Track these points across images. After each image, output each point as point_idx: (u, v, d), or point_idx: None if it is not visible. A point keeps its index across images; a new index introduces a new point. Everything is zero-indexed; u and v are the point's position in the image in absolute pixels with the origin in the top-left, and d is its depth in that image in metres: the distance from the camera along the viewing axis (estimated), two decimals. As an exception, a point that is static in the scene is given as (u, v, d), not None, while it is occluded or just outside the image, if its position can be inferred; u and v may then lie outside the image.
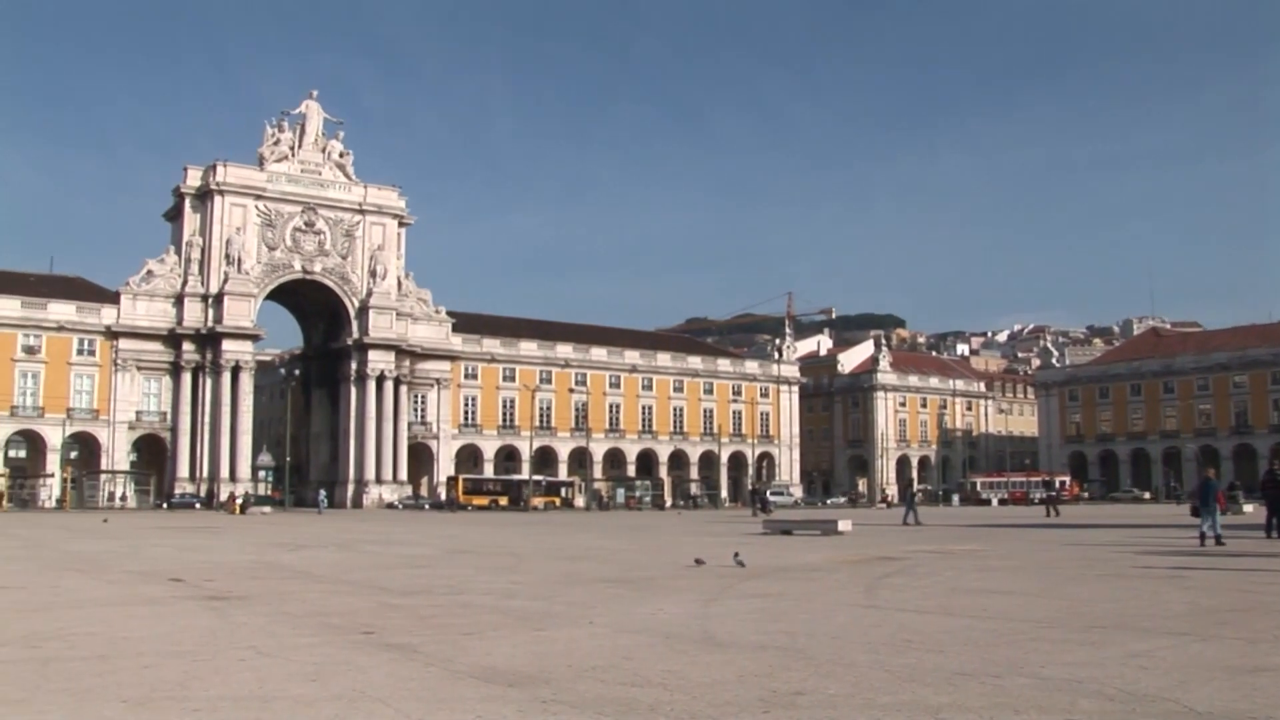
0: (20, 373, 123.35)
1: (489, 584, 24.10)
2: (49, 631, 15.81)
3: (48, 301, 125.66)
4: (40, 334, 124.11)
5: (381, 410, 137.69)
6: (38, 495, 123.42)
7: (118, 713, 10.23)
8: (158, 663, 12.90)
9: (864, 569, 27.84)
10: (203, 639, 15.00)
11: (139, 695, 10.99)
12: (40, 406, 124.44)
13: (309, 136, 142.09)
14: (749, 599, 20.67)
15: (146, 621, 17.19)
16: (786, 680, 11.58)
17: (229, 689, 11.29)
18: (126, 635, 15.40)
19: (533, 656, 13.32)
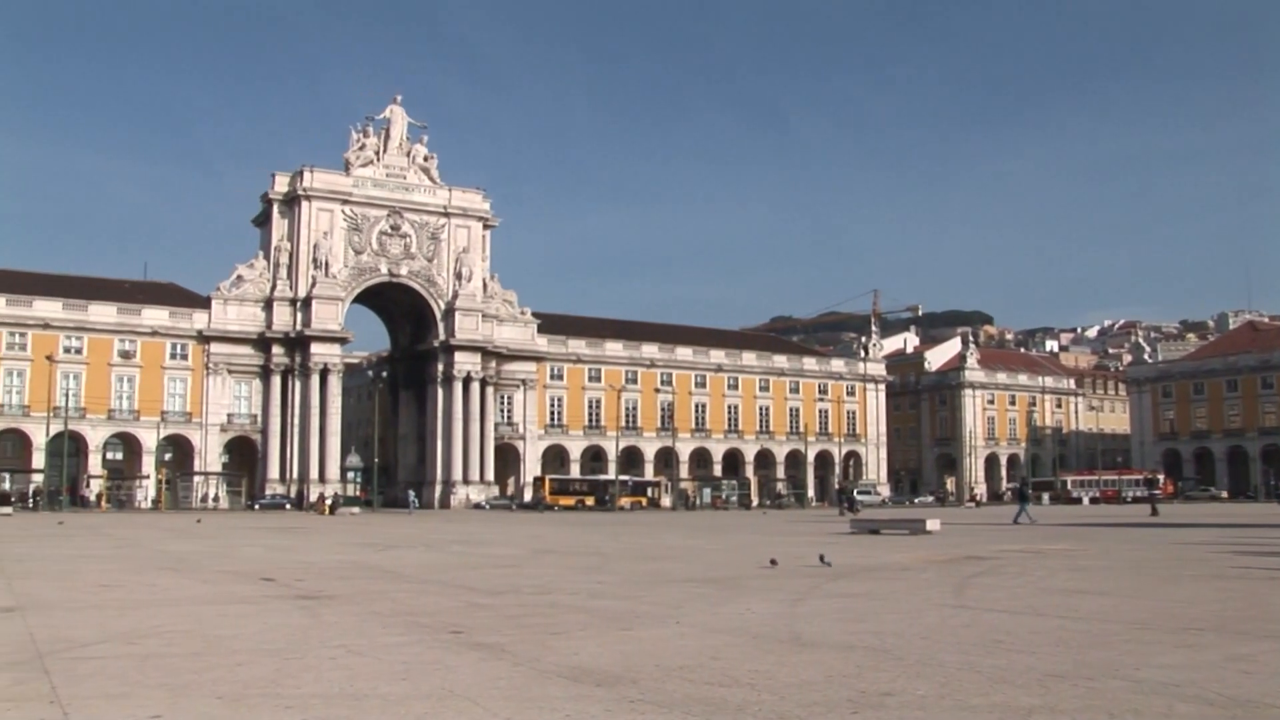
0: (117, 377, 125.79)
1: (575, 584, 24.15)
2: (147, 628, 16.08)
3: (142, 308, 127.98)
4: (135, 339, 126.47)
5: (468, 411, 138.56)
6: (134, 496, 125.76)
7: (213, 708, 10.37)
8: (250, 660, 13.07)
9: (952, 569, 27.57)
10: (294, 637, 15.17)
11: (233, 691, 11.14)
12: (136, 410, 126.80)
13: (394, 141, 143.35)
14: (836, 599, 20.54)
15: (239, 620, 17.42)
16: (875, 681, 11.47)
17: (320, 687, 11.40)
18: (220, 633, 15.62)
19: (620, 656, 13.32)
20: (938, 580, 24.20)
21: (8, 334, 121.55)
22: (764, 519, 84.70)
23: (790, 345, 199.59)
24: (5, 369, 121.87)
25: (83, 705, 10.43)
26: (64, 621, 17.02)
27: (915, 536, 45.69)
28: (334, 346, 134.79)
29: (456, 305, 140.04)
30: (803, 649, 13.90)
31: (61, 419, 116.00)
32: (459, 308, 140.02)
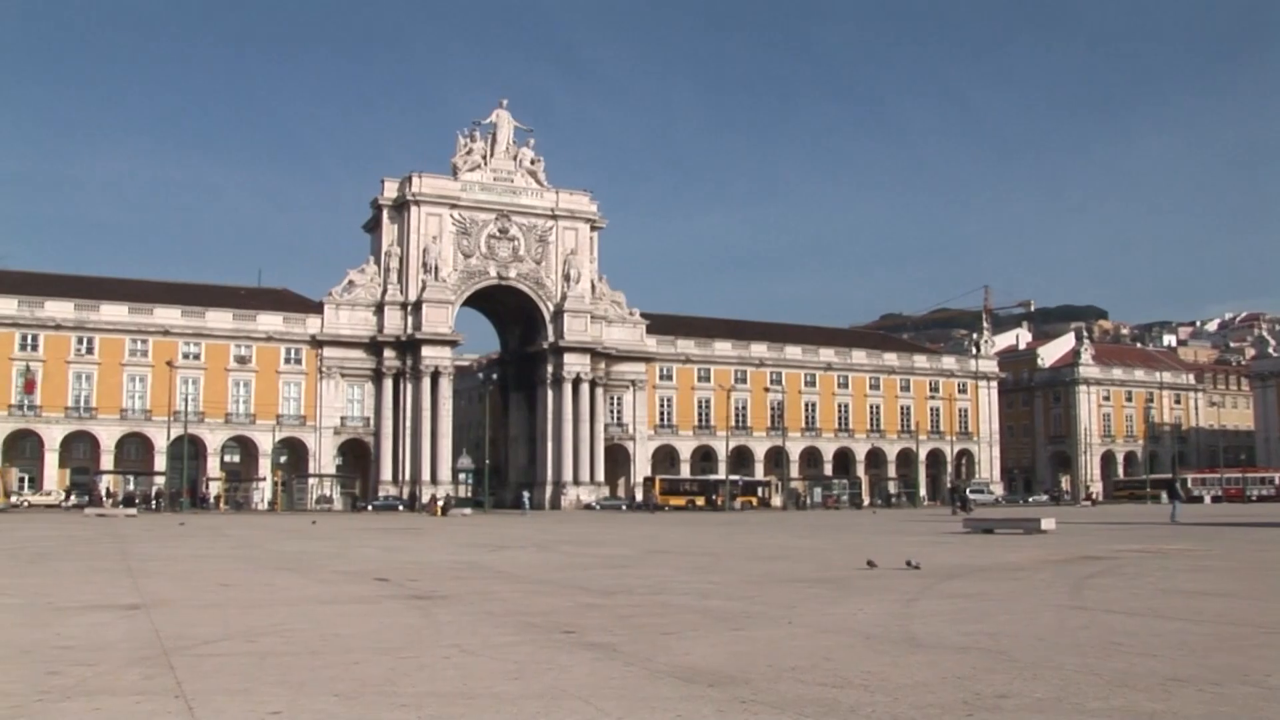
0: (233, 382, 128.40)
1: (687, 584, 24.15)
2: (265, 627, 16.38)
3: (257, 313, 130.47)
4: (251, 344, 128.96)
5: (578, 412, 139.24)
6: (251, 498, 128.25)
7: (330, 705, 10.54)
8: (366, 659, 13.26)
9: (1069, 569, 27.13)
10: (408, 636, 15.36)
11: (349, 689, 11.32)
12: (252, 413, 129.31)
13: (500, 145, 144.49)
14: (950, 599, 20.31)
15: (355, 619, 17.68)
16: (990, 683, 11.33)
17: (434, 685, 11.53)
18: (336, 632, 15.87)
19: (732, 656, 13.30)
20: (1053, 581, 23.83)
21: (130, 341, 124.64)
22: (874, 519, 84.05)
23: (900, 343, 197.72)
24: (128, 375, 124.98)
25: (206, 700, 10.67)
26: (187, 619, 17.41)
27: (1030, 536, 45.03)
28: (444, 349, 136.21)
29: (565, 307, 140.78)
30: (916, 650, 13.77)
31: (181, 423, 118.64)
32: (568, 309, 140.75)
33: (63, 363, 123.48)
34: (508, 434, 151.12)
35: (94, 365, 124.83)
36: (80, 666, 12.64)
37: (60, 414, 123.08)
